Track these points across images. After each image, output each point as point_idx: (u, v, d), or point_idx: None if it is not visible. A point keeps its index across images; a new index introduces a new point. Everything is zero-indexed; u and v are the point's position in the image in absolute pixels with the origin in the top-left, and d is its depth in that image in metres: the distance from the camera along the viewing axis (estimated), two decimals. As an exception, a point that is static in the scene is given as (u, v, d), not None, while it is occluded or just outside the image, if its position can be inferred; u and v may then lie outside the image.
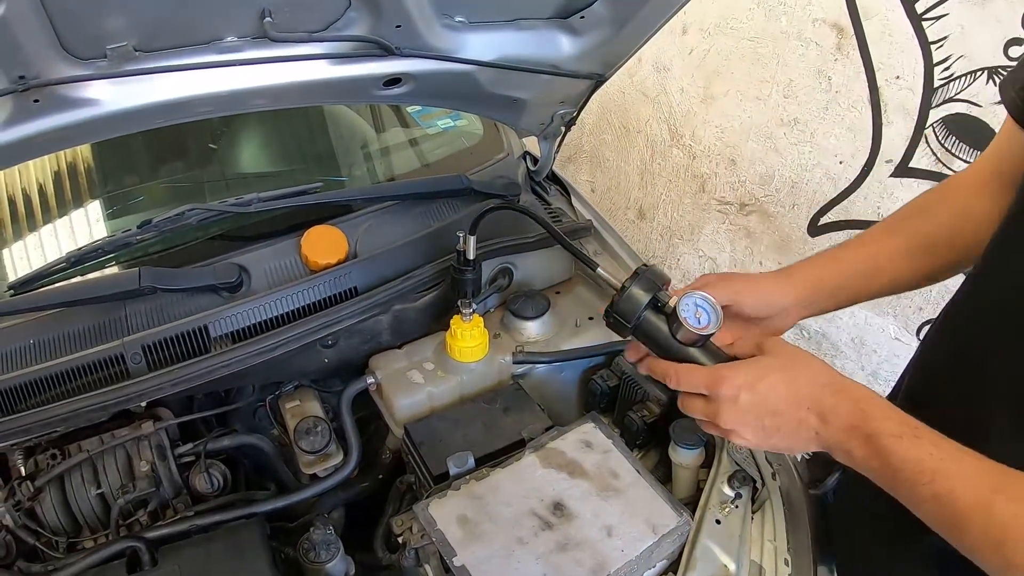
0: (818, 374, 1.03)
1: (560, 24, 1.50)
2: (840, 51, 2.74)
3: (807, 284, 1.27)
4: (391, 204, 1.79)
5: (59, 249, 1.76)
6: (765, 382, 1.02)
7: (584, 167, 4.19)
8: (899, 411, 0.97)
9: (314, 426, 1.55)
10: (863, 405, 0.97)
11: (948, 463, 0.90)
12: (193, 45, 1.22)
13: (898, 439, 0.93)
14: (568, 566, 1.20)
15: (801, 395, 1.01)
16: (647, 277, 1.15)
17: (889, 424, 0.95)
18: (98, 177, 1.97)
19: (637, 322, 1.14)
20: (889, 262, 1.27)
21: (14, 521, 1.40)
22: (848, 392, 1.00)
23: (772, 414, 1.02)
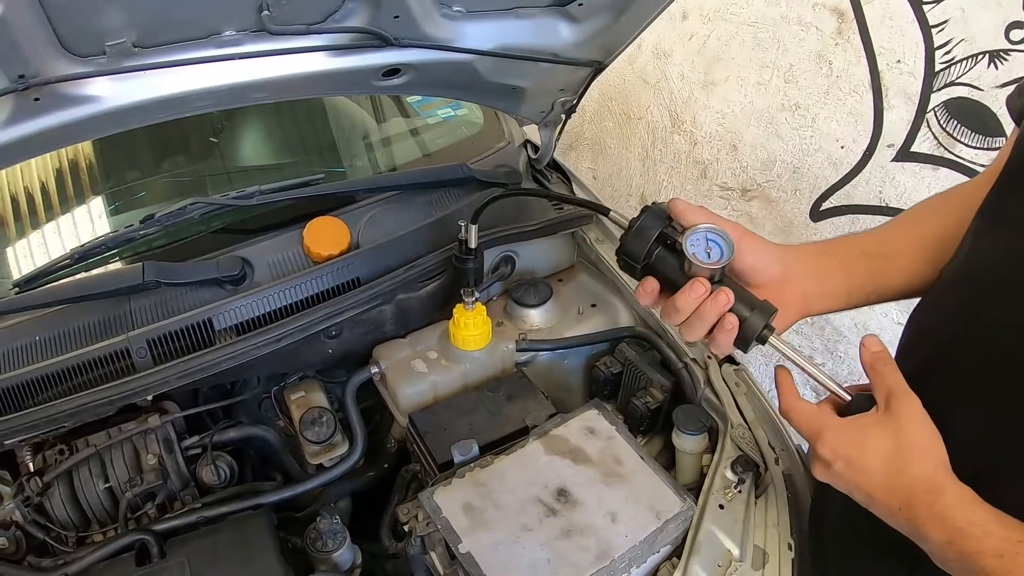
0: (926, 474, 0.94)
1: (559, 11, 1.49)
2: (840, 35, 2.72)
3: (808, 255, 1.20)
4: (393, 194, 1.80)
5: (62, 246, 1.77)
6: (866, 463, 0.96)
7: (586, 154, 4.18)
8: (1004, 523, 0.88)
9: (319, 416, 1.57)
10: (960, 522, 0.89)
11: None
12: (192, 40, 1.21)
13: (1000, 559, 0.86)
14: (573, 552, 1.22)
15: (899, 492, 0.95)
16: (654, 213, 1.10)
17: (989, 542, 0.87)
18: (100, 173, 1.97)
19: (647, 260, 1.10)
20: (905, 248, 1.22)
21: (23, 517, 1.42)
22: (947, 503, 0.91)
23: (864, 494, 0.98)
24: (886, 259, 1.20)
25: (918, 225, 1.24)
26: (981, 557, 0.87)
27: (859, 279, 1.19)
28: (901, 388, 0.98)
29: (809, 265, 1.18)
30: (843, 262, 1.19)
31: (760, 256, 1.12)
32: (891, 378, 1.00)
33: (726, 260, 1.04)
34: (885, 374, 1.01)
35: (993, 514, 0.88)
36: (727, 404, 1.53)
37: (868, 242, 1.23)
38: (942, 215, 1.22)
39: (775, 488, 1.43)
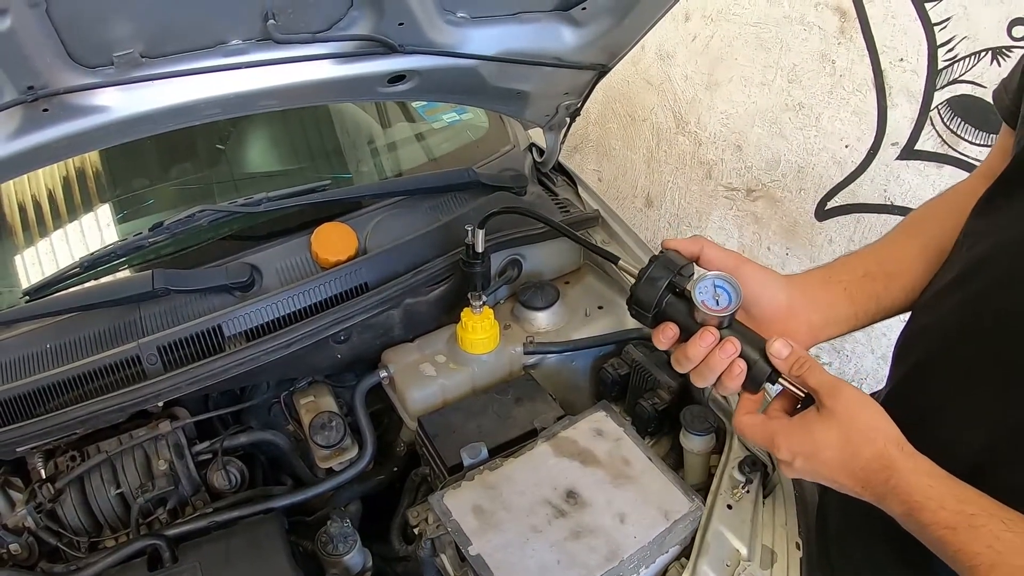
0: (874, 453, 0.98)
1: (562, 16, 1.51)
2: (843, 34, 2.73)
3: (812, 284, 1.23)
4: (399, 199, 1.81)
5: (70, 255, 1.79)
6: (821, 456, 1.01)
7: (591, 156, 4.20)
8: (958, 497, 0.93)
9: (329, 421, 1.58)
10: (917, 495, 0.94)
11: (1007, 557, 0.87)
12: (198, 49, 1.24)
13: (953, 531, 0.90)
14: (582, 553, 1.22)
15: (855, 472, 0.99)
16: (662, 263, 1.12)
17: (944, 515, 0.91)
18: (107, 181, 1.99)
19: (657, 310, 1.12)
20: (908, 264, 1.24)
21: (36, 523, 1.43)
22: (902, 478, 0.95)
23: (829, 480, 1.02)
24: (889, 278, 1.22)
25: (918, 235, 1.26)
26: (936, 529, 0.91)
27: (864, 303, 1.22)
28: (828, 382, 1.02)
29: (815, 295, 1.20)
30: (847, 287, 1.21)
31: (766, 288, 1.15)
32: (814, 377, 1.04)
33: (734, 307, 1.06)
34: (806, 375, 1.05)
35: (950, 487, 0.92)
36: (734, 404, 1.52)
37: (871, 261, 1.25)
38: (940, 220, 1.24)
39: (783, 488, 1.44)
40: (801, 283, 1.21)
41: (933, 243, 1.22)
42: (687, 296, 1.10)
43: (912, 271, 1.22)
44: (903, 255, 1.24)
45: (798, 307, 1.17)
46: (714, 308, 1.06)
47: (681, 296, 1.11)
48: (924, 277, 1.21)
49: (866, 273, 1.23)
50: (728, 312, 1.06)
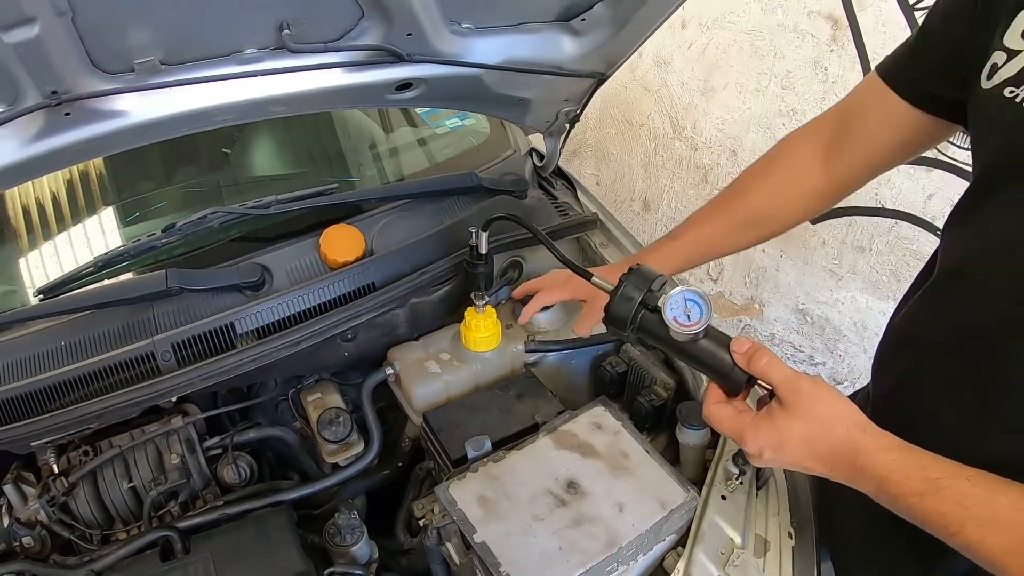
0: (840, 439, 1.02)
1: (562, 26, 1.54)
2: (835, 42, 2.78)
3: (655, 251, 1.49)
4: (404, 202, 1.84)
5: (74, 257, 1.83)
6: (788, 446, 1.04)
7: (589, 161, 4.23)
8: (921, 461, 0.98)
9: (336, 416, 1.60)
10: (883, 471, 0.98)
11: (975, 511, 0.92)
12: (215, 57, 1.28)
13: (920, 497, 0.95)
14: (582, 540, 1.25)
15: (825, 458, 1.03)
16: (633, 281, 1.16)
17: (910, 484, 0.96)
18: (115, 185, 2.02)
19: (634, 325, 1.16)
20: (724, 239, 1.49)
21: (48, 516, 1.45)
22: (867, 457, 1.00)
23: (799, 467, 1.07)
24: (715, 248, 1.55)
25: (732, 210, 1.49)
26: (906, 498, 0.96)
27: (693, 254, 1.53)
28: (785, 375, 1.06)
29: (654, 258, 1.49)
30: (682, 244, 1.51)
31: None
32: (773, 371, 1.07)
33: (705, 320, 1.10)
34: (766, 370, 1.08)
35: (914, 457, 0.97)
36: None
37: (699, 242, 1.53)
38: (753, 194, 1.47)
39: (775, 480, 1.48)
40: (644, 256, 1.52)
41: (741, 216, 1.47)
42: (659, 311, 1.13)
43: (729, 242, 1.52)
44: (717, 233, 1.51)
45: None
46: (686, 323, 1.10)
47: (655, 311, 1.14)
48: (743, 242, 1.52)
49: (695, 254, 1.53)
50: (700, 327, 1.10)
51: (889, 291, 2.88)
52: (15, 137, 1.25)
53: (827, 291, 3.16)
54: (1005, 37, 1.00)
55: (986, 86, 1.03)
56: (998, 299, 1.02)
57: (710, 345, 1.12)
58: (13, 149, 1.26)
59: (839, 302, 3.11)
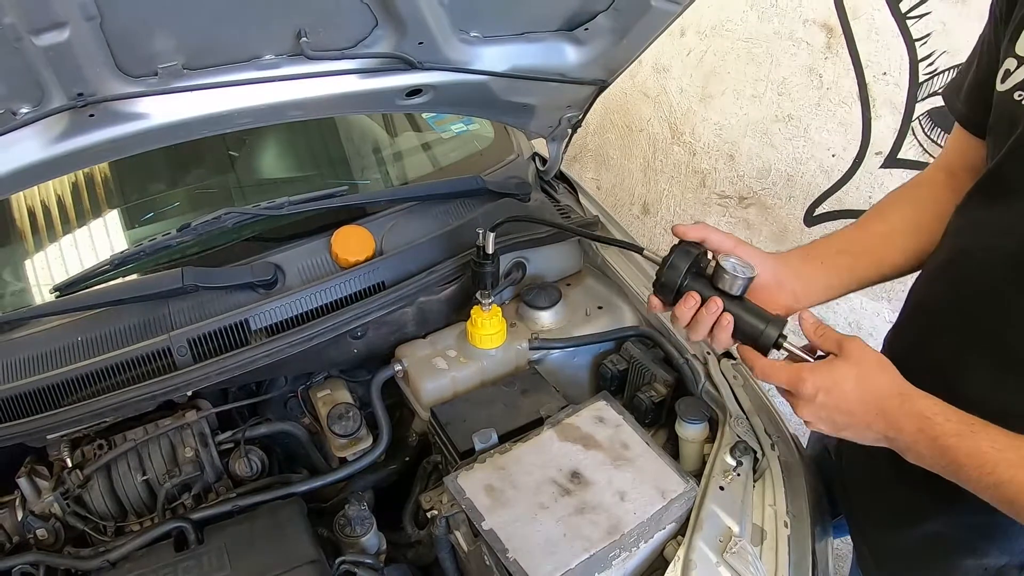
0: (889, 383, 1.13)
1: (566, 36, 1.57)
2: (830, 50, 2.82)
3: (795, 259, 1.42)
4: (413, 204, 1.87)
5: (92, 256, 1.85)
6: (841, 387, 1.14)
7: (590, 165, 4.26)
8: (958, 411, 1.07)
9: (346, 412, 1.63)
10: (926, 412, 1.08)
11: (1006, 453, 1.01)
12: (235, 63, 1.31)
13: (959, 438, 1.04)
14: (586, 527, 1.28)
15: (872, 401, 1.13)
16: (684, 248, 1.29)
17: (950, 425, 1.05)
18: (130, 186, 2.06)
19: (679, 289, 1.29)
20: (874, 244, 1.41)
21: (62, 509, 1.47)
22: (913, 401, 1.10)
23: (845, 413, 1.15)
24: (858, 256, 1.40)
25: (883, 221, 1.42)
26: (945, 438, 1.05)
27: (838, 275, 1.40)
28: (842, 336, 1.19)
29: (797, 269, 1.39)
30: (824, 262, 1.39)
31: (758, 266, 1.30)
32: (832, 333, 1.21)
33: (750, 276, 1.25)
34: (827, 333, 1.22)
35: (952, 408, 1.06)
36: (726, 396, 1.60)
37: (843, 241, 1.44)
38: (902, 208, 1.42)
39: (772, 472, 1.50)
40: (785, 259, 1.41)
41: (894, 228, 1.41)
42: (705, 276, 1.29)
43: (878, 250, 1.40)
44: (871, 237, 1.42)
45: (784, 279, 1.36)
46: (733, 272, 1.24)
47: (699, 276, 1.29)
48: (889, 256, 1.39)
49: (839, 251, 1.41)
50: (748, 276, 1.25)
51: (883, 292, 2.91)
52: (40, 137, 1.28)
53: (824, 294, 3.19)
54: (1017, 45, 1.08)
55: (1000, 89, 1.11)
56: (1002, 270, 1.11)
57: (747, 310, 1.27)
58: (38, 148, 1.29)
59: (832, 305, 3.14)
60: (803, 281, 1.38)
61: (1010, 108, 1.09)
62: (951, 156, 1.41)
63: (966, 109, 1.31)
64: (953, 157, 1.40)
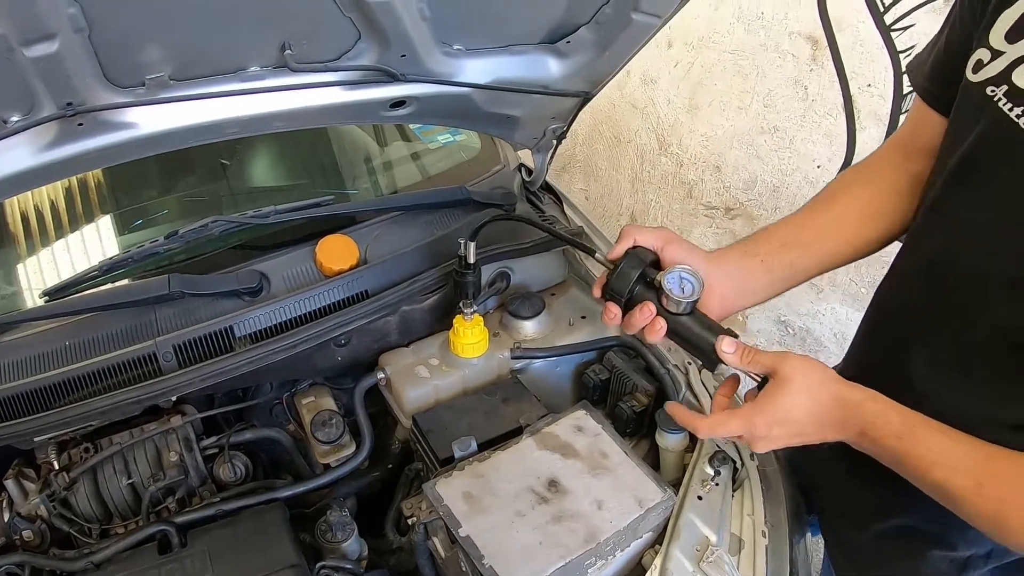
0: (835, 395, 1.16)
1: (549, 48, 1.58)
2: (815, 62, 2.86)
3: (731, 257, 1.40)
4: (397, 214, 1.89)
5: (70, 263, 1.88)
6: (792, 416, 1.16)
7: (578, 176, 4.29)
8: (899, 412, 1.11)
9: (329, 419, 1.64)
10: (869, 417, 1.12)
11: (943, 455, 1.05)
12: (221, 74, 1.33)
13: (899, 439, 1.09)
14: (563, 535, 1.30)
15: (821, 419, 1.16)
16: (635, 255, 1.30)
17: (891, 427, 1.10)
18: (119, 193, 2.07)
19: (629, 296, 1.30)
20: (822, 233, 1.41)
21: (48, 511, 1.47)
22: (856, 406, 1.14)
23: (800, 435, 1.18)
24: (805, 247, 1.40)
25: (832, 206, 1.42)
26: (887, 439, 1.10)
27: (780, 271, 1.40)
28: (774, 358, 1.19)
29: (729, 270, 1.37)
30: (764, 259, 1.39)
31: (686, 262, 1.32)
32: (761, 356, 1.22)
33: (697, 294, 1.25)
34: (756, 359, 1.22)
35: (893, 406, 1.10)
36: (706, 406, 1.61)
37: (788, 232, 1.42)
38: (854, 191, 1.41)
39: (750, 482, 1.51)
40: (718, 258, 1.39)
41: (844, 213, 1.40)
42: (655, 286, 1.28)
43: (826, 240, 1.40)
44: (817, 225, 1.41)
45: (712, 282, 1.33)
46: (678, 294, 1.23)
47: (650, 286, 1.29)
48: (835, 245, 1.39)
49: (783, 243, 1.40)
50: (692, 299, 1.25)
51: (867, 302, 2.93)
52: (29, 145, 1.30)
53: (808, 303, 3.23)
54: (990, 35, 1.06)
55: (971, 79, 1.10)
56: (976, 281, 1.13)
57: (696, 323, 1.28)
58: (27, 156, 1.31)
59: (820, 314, 3.18)
60: (735, 283, 1.38)
61: (980, 102, 1.09)
62: (908, 132, 1.41)
63: (929, 84, 1.31)
64: (910, 133, 1.40)
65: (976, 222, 1.12)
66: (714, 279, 1.33)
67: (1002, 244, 1.08)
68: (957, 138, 1.16)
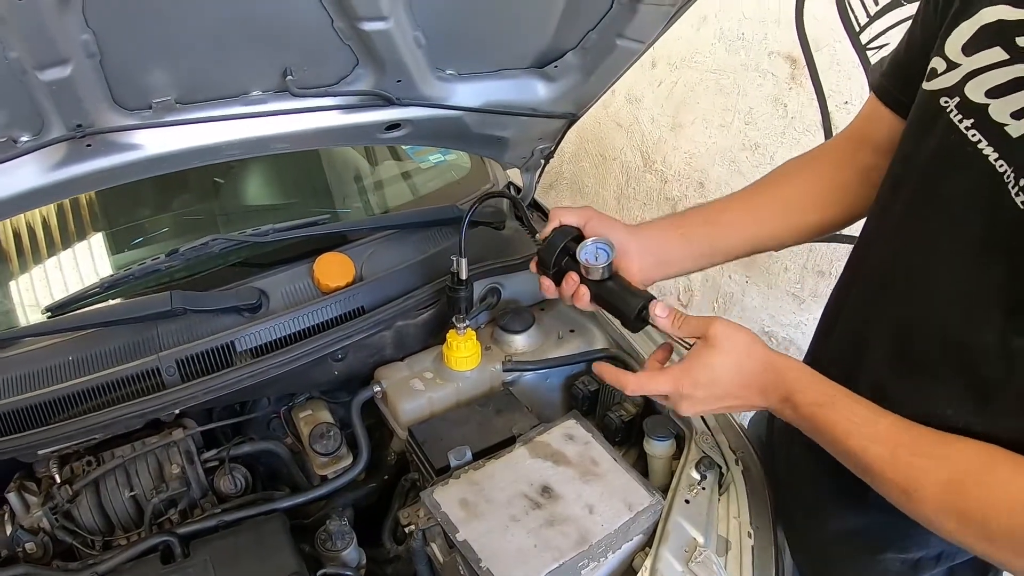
0: (762, 361, 1.20)
1: (537, 72, 1.64)
2: (794, 80, 2.90)
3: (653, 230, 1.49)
4: (392, 232, 1.93)
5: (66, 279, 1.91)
6: (720, 379, 1.21)
7: (565, 193, 4.32)
8: (823, 382, 1.16)
9: (327, 431, 1.67)
10: (792, 384, 1.16)
11: (861, 426, 1.09)
12: (225, 98, 1.37)
13: (819, 407, 1.13)
14: (556, 538, 1.34)
15: (750, 383, 1.20)
16: (560, 231, 1.44)
17: (811, 394, 1.14)
18: (118, 211, 2.11)
19: (557, 268, 1.43)
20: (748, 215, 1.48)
21: (51, 523, 1.50)
22: (780, 372, 1.19)
23: (727, 398, 1.23)
24: (725, 225, 1.47)
25: (767, 191, 1.48)
26: (807, 407, 1.14)
27: (700, 245, 1.48)
28: (702, 322, 1.25)
29: (648, 243, 1.46)
30: (685, 232, 1.48)
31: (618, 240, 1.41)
32: (692, 320, 1.28)
33: (608, 260, 1.37)
34: (686, 323, 1.29)
35: (816, 376, 1.16)
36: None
37: (714, 211, 1.50)
38: (793, 177, 1.48)
39: (736, 486, 1.55)
40: (640, 230, 1.48)
41: (779, 198, 1.46)
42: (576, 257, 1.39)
43: (752, 222, 1.46)
44: (745, 208, 1.48)
45: (632, 251, 1.43)
46: (593, 263, 1.36)
47: (573, 258, 1.41)
48: (757, 228, 1.47)
49: (706, 220, 1.48)
50: (604, 265, 1.36)
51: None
52: (38, 164, 1.34)
53: (791, 314, 3.27)
54: (947, 45, 1.06)
55: (925, 87, 1.11)
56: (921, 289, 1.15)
57: (617, 288, 1.38)
58: (36, 175, 1.35)
59: (802, 324, 3.22)
60: (654, 254, 1.45)
61: (934, 112, 1.09)
62: (859, 125, 1.43)
63: (885, 81, 1.32)
64: (861, 126, 1.42)
65: (923, 231, 1.14)
66: (633, 249, 1.43)
67: (948, 253, 1.09)
68: (909, 145, 1.17)
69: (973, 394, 1.06)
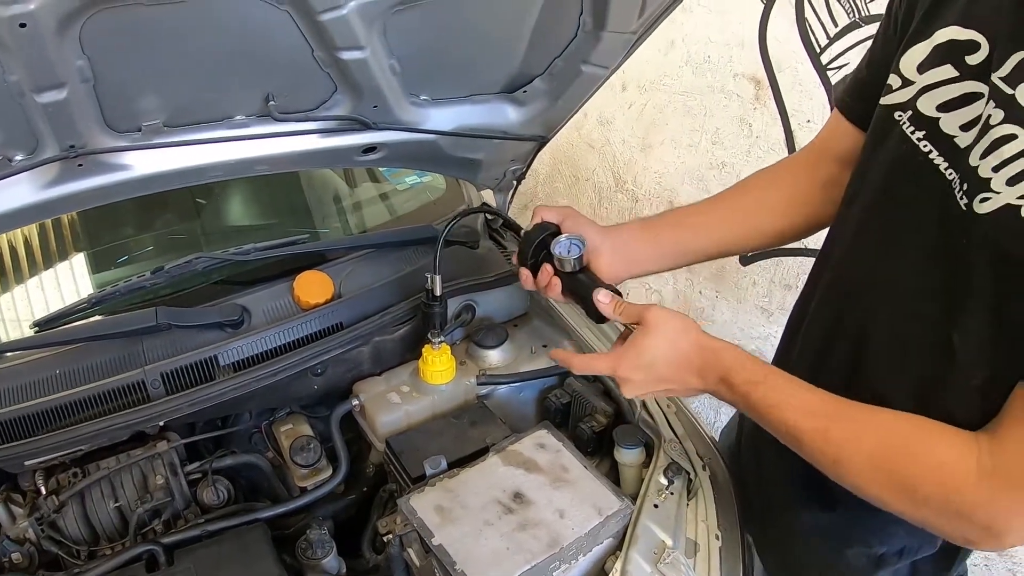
0: (695, 343, 1.26)
1: (507, 97, 1.70)
2: (758, 101, 2.97)
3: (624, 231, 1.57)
4: (369, 251, 1.98)
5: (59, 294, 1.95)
6: (655, 362, 1.27)
7: (539, 213, 4.37)
8: (756, 362, 1.22)
9: (307, 444, 1.71)
10: (726, 363, 1.23)
11: (791, 400, 1.16)
12: (210, 122, 1.43)
13: (753, 384, 1.19)
14: (528, 541, 1.38)
15: (685, 365, 1.26)
16: (539, 227, 1.51)
17: (745, 373, 1.21)
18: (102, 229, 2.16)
19: (534, 260, 1.51)
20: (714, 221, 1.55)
21: (37, 534, 1.52)
22: (716, 353, 1.25)
23: (664, 380, 1.29)
24: (692, 228, 1.55)
25: (732, 199, 1.56)
26: (743, 385, 1.20)
27: (668, 246, 1.56)
28: (640, 308, 1.32)
29: (620, 241, 1.54)
30: (655, 234, 1.57)
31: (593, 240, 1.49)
32: (631, 307, 1.35)
33: (579, 254, 1.45)
34: (626, 308, 1.36)
35: (750, 356, 1.22)
36: (660, 423, 1.70)
37: (681, 215, 1.60)
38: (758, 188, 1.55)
39: (703, 491, 1.60)
40: (612, 230, 1.56)
41: (747, 204, 1.55)
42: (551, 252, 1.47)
43: (718, 227, 1.55)
44: (711, 213, 1.56)
45: (603, 249, 1.51)
46: (565, 255, 1.44)
47: (549, 252, 1.48)
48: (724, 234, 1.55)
49: (676, 223, 1.57)
50: (575, 258, 1.44)
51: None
52: (31, 182, 1.40)
53: (760, 327, 3.32)
54: (902, 62, 1.12)
55: (882, 101, 1.17)
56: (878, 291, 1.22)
57: (585, 281, 1.45)
58: (28, 193, 1.41)
59: (771, 336, 3.27)
60: (622, 253, 1.52)
61: (888, 125, 1.15)
62: (822, 138, 1.50)
63: (848, 97, 1.38)
64: (824, 139, 1.49)
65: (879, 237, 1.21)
66: (604, 247, 1.50)
67: (901, 257, 1.16)
68: (867, 157, 1.25)
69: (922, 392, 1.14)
